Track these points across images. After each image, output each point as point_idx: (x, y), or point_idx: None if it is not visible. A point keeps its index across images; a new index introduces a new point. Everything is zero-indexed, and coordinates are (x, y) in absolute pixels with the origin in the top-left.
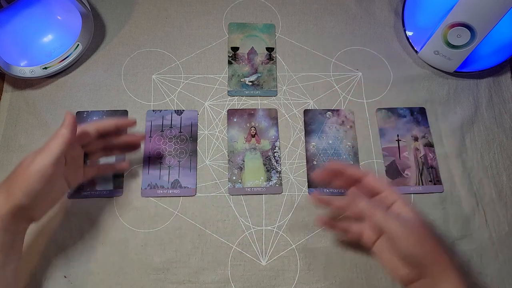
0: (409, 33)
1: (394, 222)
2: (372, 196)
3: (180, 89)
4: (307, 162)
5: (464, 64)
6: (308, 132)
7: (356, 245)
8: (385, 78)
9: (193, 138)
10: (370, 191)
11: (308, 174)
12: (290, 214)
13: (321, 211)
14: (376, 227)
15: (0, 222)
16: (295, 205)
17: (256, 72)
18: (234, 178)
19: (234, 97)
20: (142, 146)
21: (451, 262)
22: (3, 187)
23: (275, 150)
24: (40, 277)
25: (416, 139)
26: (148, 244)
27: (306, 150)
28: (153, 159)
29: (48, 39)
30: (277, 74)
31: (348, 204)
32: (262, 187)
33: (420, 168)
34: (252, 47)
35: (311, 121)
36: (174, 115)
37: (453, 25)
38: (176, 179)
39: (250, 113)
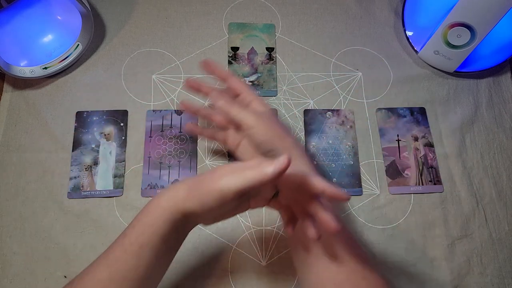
0: (409, 33)
1: (249, 114)
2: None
3: (180, 89)
4: None
5: (464, 64)
6: (308, 132)
7: None
8: (385, 78)
9: (193, 138)
10: (232, 94)
11: None
12: None
13: None
14: (237, 132)
15: (172, 215)
16: None
17: (256, 72)
18: None
19: None
20: (142, 146)
21: (295, 143)
22: (188, 184)
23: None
24: (40, 277)
25: (416, 139)
26: None
27: (306, 150)
28: (153, 159)
29: (48, 39)
30: (277, 74)
31: (212, 107)
32: None
33: (420, 168)
34: (252, 47)
35: (311, 121)
36: (174, 115)
37: (453, 25)
38: (176, 179)
39: None
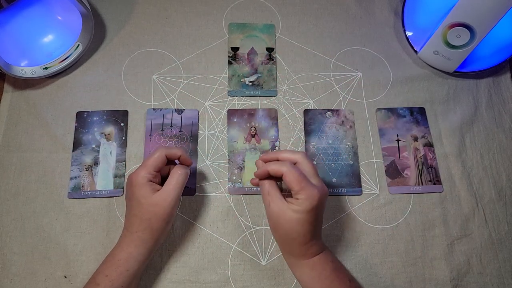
0: (409, 33)
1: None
2: None
3: (181, 89)
4: None
5: (464, 64)
6: (308, 132)
7: (355, 244)
8: (385, 78)
9: (194, 137)
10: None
11: None
12: None
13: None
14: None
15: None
16: None
17: (256, 72)
18: (234, 178)
19: (234, 97)
20: (142, 146)
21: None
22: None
23: (275, 150)
24: (40, 277)
25: (415, 139)
26: None
27: (306, 150)
28: None
29: (48, 39)
30: (277, 74)
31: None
32: None
33: (420, 168)
34: (252, 47)
35: (311, 121)
36: (175, 114)
37: (453, 25)
38: None
39: (250, 113)
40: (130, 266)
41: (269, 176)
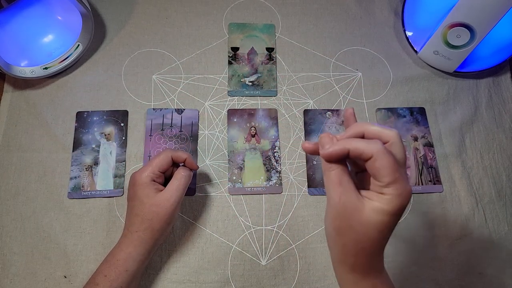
0: (409, 33)
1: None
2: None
3: (181, 89)
4: (307, 162)
5: (464, 64)
6: (308, 132)
7: None
8: (385, 78)
9: (194, 137)
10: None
11: (308, 174)
12: (290, 214)
13: (321, 211)
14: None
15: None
16: (295, 205)
17: (256, 72)
18: (234, 177)
19: (234, 97)
20: (142, 146)
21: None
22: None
23: (275, 150)
24: (40, 277)
25: (415, 139)
26: None
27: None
28: None
29: (48, 39)
30: (277, 74)
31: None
32: (262, 187)
33: (420, 168)
34: (252, 47)
35: (311, 121)
36: (175, 114)
37: (453, 25)
38: None
39: (250, 113)
40: (129, 266)
41: (338, 160)
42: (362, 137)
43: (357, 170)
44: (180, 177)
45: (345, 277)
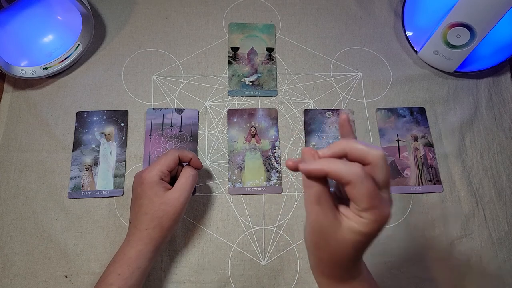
0: (409, 33)
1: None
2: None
3: (181, 89)
4: None
5: (464, 64)
6: (308, 132)
7: None
8: (385, 78)
9: (194, 137)
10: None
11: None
12: (290, 214)
13: None
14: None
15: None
16: (295, 205)
17: (256, 72)
18: (234, 178)
19: (234, 97)
20: (142, 146)
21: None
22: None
23: (275, 150)
24: (41, 277)
25: (415, 139)
26: None
27: None
28: (153, 158)
29: (48, 39)
30: (277, 74)
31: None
32: (262, 187)
33: (420, 168)
34: (252, 47)
35: (311, 121)
36: (175, 114)
37: (453, 25)
38: None
39: (250, 113)
40: (141, 263)
41: (319, 178)
42: (346, 156)
43: None
44: (188, 176)
45: (323, 281)
